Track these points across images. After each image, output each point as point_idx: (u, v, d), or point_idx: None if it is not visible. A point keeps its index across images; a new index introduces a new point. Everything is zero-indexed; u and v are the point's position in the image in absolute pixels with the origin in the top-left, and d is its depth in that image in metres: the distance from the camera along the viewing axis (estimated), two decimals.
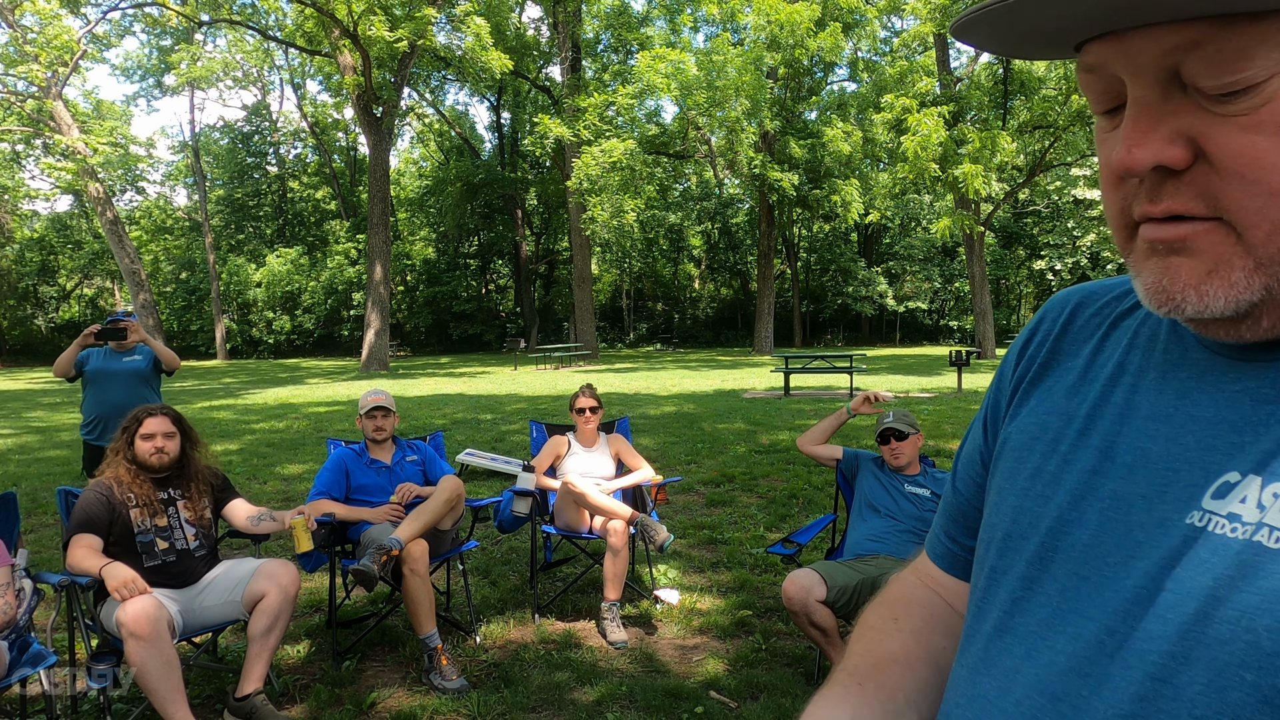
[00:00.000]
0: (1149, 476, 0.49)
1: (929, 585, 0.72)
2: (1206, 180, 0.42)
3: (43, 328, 37.92)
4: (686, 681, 2.95)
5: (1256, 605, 0.40)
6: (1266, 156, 0.40)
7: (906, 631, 0.67)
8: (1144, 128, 0.43)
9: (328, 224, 39.04)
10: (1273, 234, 0.41)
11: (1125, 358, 0.55)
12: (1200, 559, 0.43)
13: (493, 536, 4.89)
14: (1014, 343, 0.66)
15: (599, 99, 22.23)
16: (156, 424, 2.94)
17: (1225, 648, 0.40)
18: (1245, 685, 0.39)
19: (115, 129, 31.53)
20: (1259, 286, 0.42)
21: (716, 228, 39.28)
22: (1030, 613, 0.52)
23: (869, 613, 0.71)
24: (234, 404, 13.71)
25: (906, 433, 3.26)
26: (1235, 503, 0.44)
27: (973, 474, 0.67)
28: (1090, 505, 0.51)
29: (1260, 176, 0.40)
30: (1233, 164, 0.41)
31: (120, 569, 2.52)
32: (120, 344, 4.46)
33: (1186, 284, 0.44)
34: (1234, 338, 0.46)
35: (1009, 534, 0.56)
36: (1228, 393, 0.47)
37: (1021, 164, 24.16)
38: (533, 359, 25.22)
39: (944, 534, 0.70)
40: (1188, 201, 0.43)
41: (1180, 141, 0.42)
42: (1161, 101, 0.43)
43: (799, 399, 12.44)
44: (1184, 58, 0.41)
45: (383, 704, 2.84)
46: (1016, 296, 40.14)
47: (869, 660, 0.64)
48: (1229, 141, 0.40)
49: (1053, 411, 0.58)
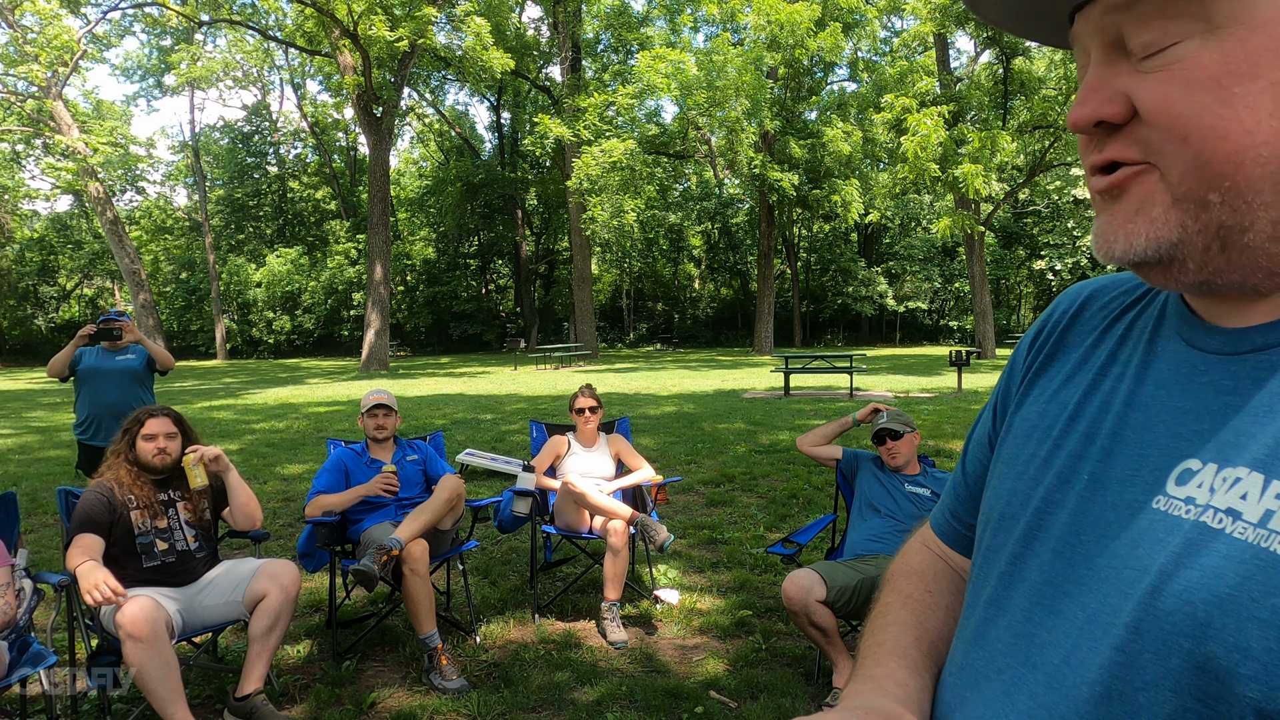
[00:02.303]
0: (1123, 461, 0.53)
1: (941, 556, 0.75)
2: (1139, 131, 0.47)
3: (43, 328, 37.91)
4: (686, 681, 2.95)
5: (1198, 580, 0.44)
6: (1176, 107, 0.45)
7: (943, 607, 0.70)
8: (1091, 87, 0.49)
9: (328, 224, 39.03)
10: (1184, 175, 0.46)
11: (1118, 349, 0.59)
12: (1158, 539, 0.48)
13: (493, 536, 4.89)
14: (1027, 332, 0.70)
15: (599, 99, 22.22)
16: (158, 425, 2.94)
17: (1170, 619, 0.44)
18: (1182, 653, 0.43)
19: (115, 129, 31.54)
20: (1175, 224, 0.47)
21: (716, 228, 39.26)
22: (1016, 589, 0.56)
23: (902, 580, 0.74)
24: (234, 404, 13.71)
25: (901, 431, 3.26)
26: (1193, 487, 0.48)
27: (981, 457, 0.70)
28: (1071, 488, 0.55)
29: (1172, 124, 0.45)
30: (1152, 113, 0.46)
31: (94, 571, 2.43)
32: (114, 344, 4.46)
33: (1118, 225, 0.49)
34: (1170, 283, 0.50)
35: (1002, 515, 0.60)
36: (1197, 384, 0.51)
37: (1021, 164, 24.14)
38: (533, 359, 25.22)
39: (950, 513, 0.74)
40: (1125, 150, 0.48)
41: (1119, 99, 0.48)
42: (1107, 64, 0.49)
43: (799, 399, 12.44)
44: (1122, 19, 0.47)
45: (383, 704, 2.84)
46: (1016, 296, 40.14)
47: (927, 638, 0.67)
48: (1149, 93, 0.46)
49: (1051, 400, 0.61)
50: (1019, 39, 22.04)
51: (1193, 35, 0.44)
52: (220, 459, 2.93)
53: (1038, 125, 21.31)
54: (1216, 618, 0.42)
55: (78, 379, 4.48)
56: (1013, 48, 21.27)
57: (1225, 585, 0.42)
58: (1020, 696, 0.51)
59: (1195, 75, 0.44)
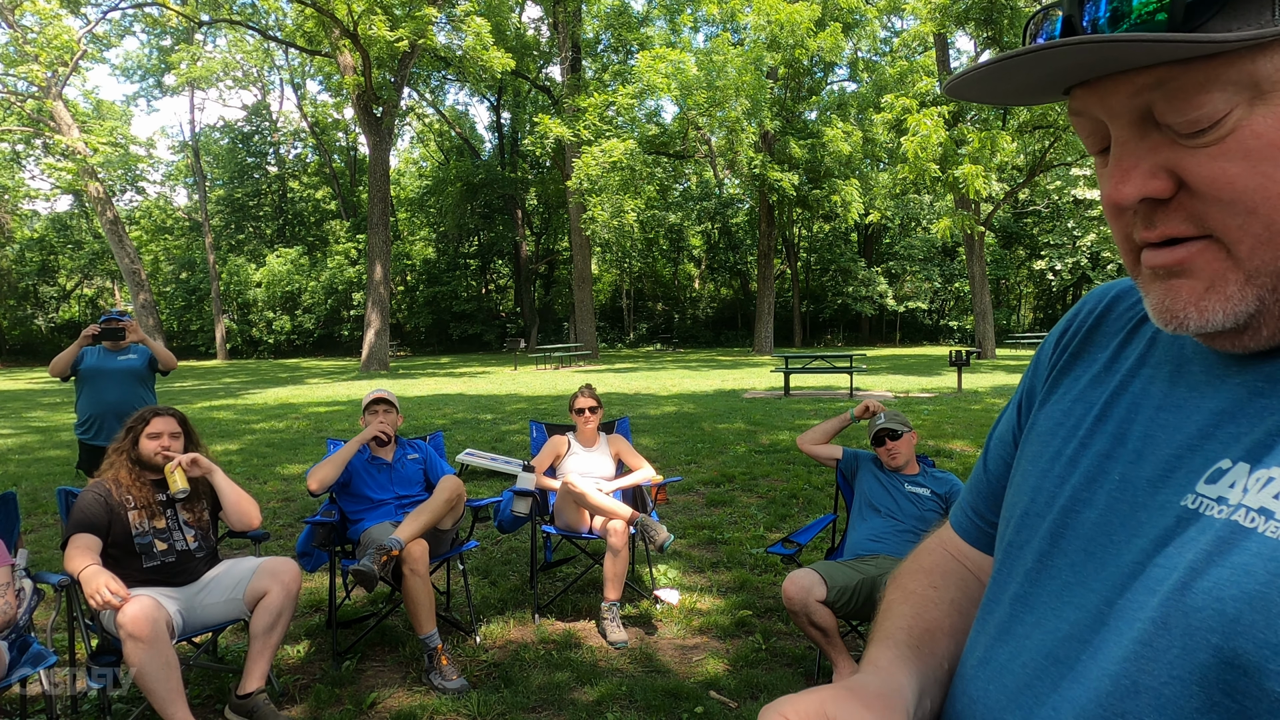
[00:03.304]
0: (1154, 462, 0.53)
1: (956, 556, 0.76)
2: (1191, 205, 0.46)
3: (43, 328, 37.91)
4: (686, 681, 2.95)
5: (1227, 578, 0.44)
6: (1238, 181, 0.44)
7: (946, 602, 0.71)
8: (1127, 165, 0.48)
9: (328, 224, 39.03)
10: (1255, 248, 0.45)
11: (1148, 351, 0.59)
12: (1188, 538, 0.48)
13: (493, 536, 4.89)
14: (1052, 331, 0.71)
15: (599, 99, 22.22)
16: (163, 424, 2.94)
17: (1198, 615, 0.44)
18: (1210, 648, 0.43)
19: (115, 129, 31.51)
20: (1252, 298, 0.46)
21: (716, 228, 39.27)
22: (1043, 585, 0.56)
23: (907, 578, 0.75)
24: (234, 404, 13.71)
25: (900, 431, 3.27)
26: (1225, 487, 0.48)
27: (1004, 454, 0.71)
28: (1100, 487, 0.56)
29: (1235, 198, 0.44)
30: (1209, 189, 0.45)
31: (98, 574, 2.44)
32: (116, 344, 4.47)
33: (1188, 303, 0.48)
34: (1239, 348, 0.50)
35: (1027, 512, 0.60)
36: (1229, 385, 0.51)
37: (1021, 164, 24.14)
38: (533, 359, 25.22)
39: (971, 510, 0.74)
40: (1179, 225, 0.47)
41: (1161, 174, 0.47)
42: (1139, 140, 0.47)
43: (799, 399, 12.44)
44: (1153, 97, 0.45)
45: (383, 704, 2.84)
46: (1016, 296, 40.14)
47: (920, 626, 0.68)
48: (1203, 170, 0.45)
49: (1077, 400, 0.62)
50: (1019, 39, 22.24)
51: (1239, 104, 0.43)
52: (199, 462, 2.91)
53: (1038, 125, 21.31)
54: (1246, 614, 0.42)
55: (79, 379, 4.48)
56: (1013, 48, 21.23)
57: (1256, 582, 0.43)
58: (1045, 689, 0.52)
59: (1253, 145, 0.43)
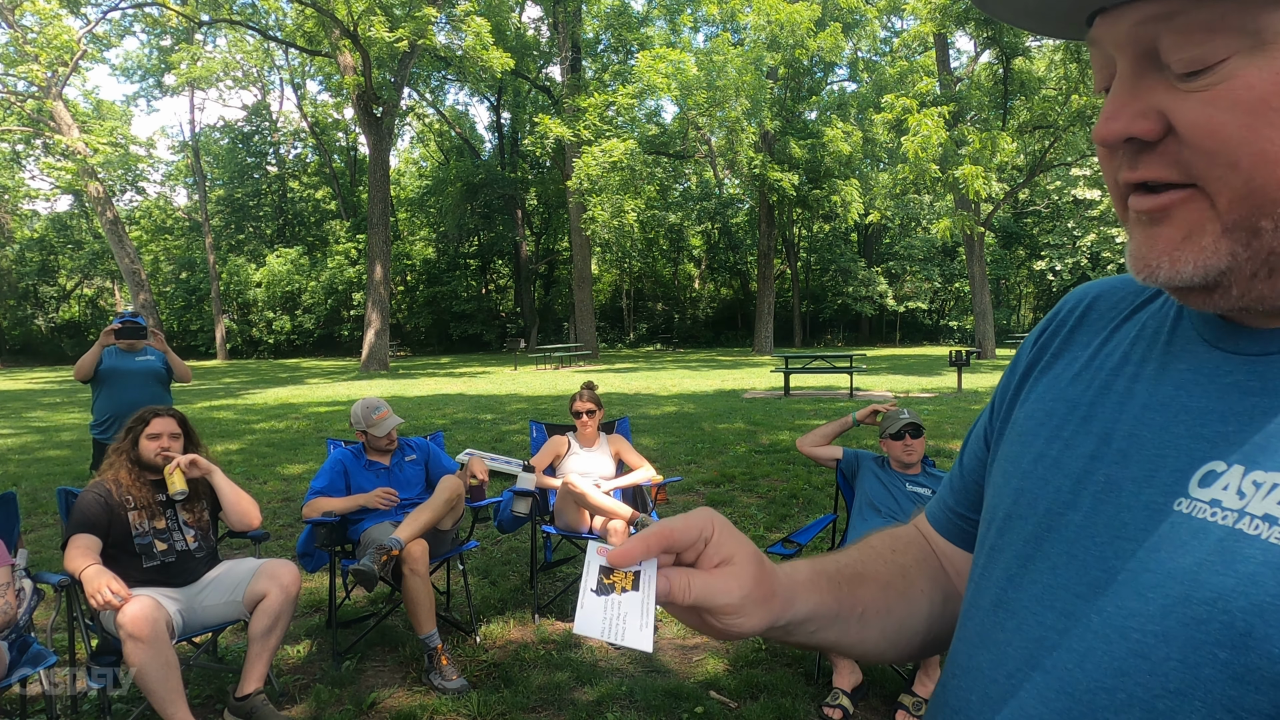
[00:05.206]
0: (1140, 462, 0.51)
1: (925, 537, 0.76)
2: (1177, 151, 0.45)
3: (43, 328, 37.90)
4: (686, 681, 2.95)
5: (1234, 588, 0.42)
6: (1223, 130, 0.42)
7: (896, 565, 0.71)
8: (1120, 102, 0.46)
9: (328, 224, 39.01)
10: (1234, 202, 0.43)
11: (1131, 349, 0.58)
12: (1181, 542, 0.46)
13: (493, 536, 4.89)
14: (1031, 331, 0.69)
15: (599, 99, 22.23)
16: (163, 424, 2.94)
17: (1202, 627, 0.42)
18: (1218, 663, 0.41)
19: (115, 129, 31.50)
20: (1225, 253, 0.45)
21: (716, 228, 39.26)
22: (1024, 589, 0.54)
23: (875, 535, 0.75)
24: (234, 404, 13.71)
25: (924, 428, 3.30)
26: (1218, 490, 0.46)
27: (978, 452, 0.70)
28: (1085, 488, 0.53)
29: (1218, 148, 0.43)
30: (1195, 136, 0.44)
31: (100, 575, 2.44)
32: (131, 344, 4.51)
33: (1162, 252, 0.47)
34: (1210, 307, 0.48)
35: (1009, 514, 0.58)
36: (1219, 385, 0.50)
37: (1021, 164, 24.14)
38: (533, 359, 25.21)
39: (947, 507, 0.74)
40: (1161, 169, 0.46)
41: (1151, 115, 0.45)
42: (1138, 78, 0.46)
43: (799, 399, 12.44)
44: (1160, 30, 0.44)
45: (383, 704, 2.84)
46: (1016, 296, 40.15)
47: (853, 569, 0.67)
48: (1191, 115, 0.43)
49: (1059, 398, 0.60)
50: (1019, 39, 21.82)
51: (1239, 51, 0.42)
52: (198, 463, 2.90)
53: (1038, 125, 21.33)
54: (1259, 626, 0.40)
55: (97, 378, 4.53)
56: (1013, 48, 21.27)
57: (1266, 594, 0.41)
58: (1031, 701, 0.50)
59: (1243, 96, 0.42)
